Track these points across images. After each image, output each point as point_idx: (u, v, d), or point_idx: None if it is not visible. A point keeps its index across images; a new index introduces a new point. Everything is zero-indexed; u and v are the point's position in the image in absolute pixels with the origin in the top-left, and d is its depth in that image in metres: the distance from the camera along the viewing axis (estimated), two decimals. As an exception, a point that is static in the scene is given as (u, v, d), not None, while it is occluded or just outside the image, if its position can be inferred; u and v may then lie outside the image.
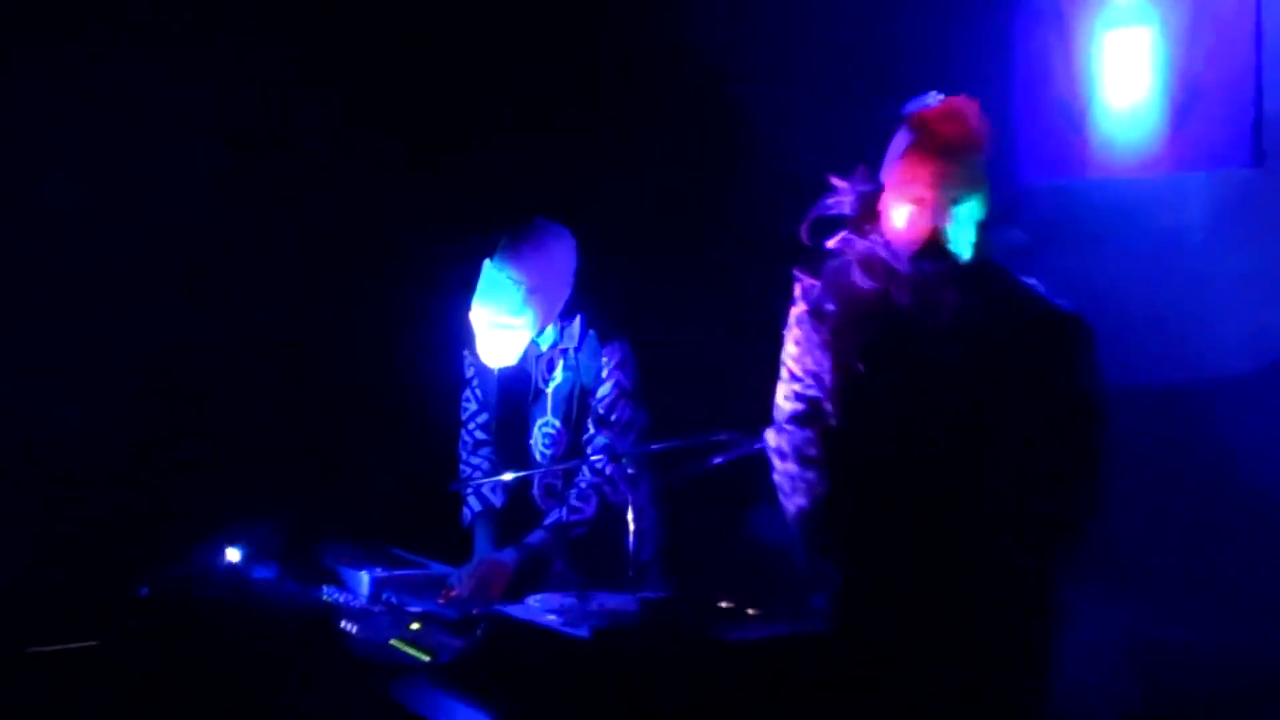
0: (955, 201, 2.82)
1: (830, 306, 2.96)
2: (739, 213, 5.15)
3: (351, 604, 3.65)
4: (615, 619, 3.10)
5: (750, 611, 3.23)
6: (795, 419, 3.03)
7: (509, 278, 3.88)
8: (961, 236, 2.85)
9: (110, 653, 3.46)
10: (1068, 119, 4.60)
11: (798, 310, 3.06)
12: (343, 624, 3.47)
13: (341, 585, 3.80)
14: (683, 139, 5.25)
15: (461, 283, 4.01)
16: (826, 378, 2.96)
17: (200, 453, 4.88)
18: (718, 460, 3.39)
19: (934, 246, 2.84)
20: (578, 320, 3.99)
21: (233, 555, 3.78)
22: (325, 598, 3.71)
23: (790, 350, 3.07)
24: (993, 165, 2.89)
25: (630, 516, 3.45)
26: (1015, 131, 4.58)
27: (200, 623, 3.46)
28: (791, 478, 3.01)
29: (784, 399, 3.07)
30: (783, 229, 5.04)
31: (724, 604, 3.27)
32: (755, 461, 3.32)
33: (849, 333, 2.94)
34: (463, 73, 5.25)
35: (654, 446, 3.67)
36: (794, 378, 3.05)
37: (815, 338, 2.99)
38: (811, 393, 3.01)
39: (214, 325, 4.95)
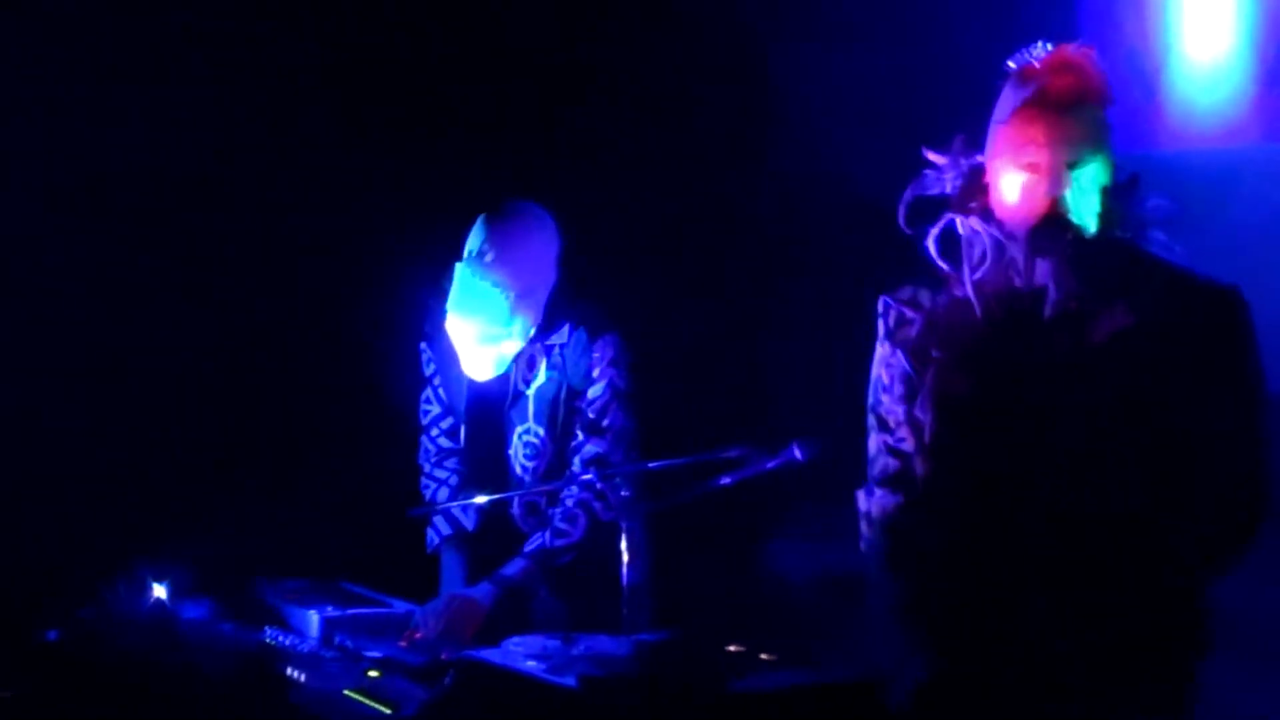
0: (1075, 165, 2.77)
1: (936, 352, 2.87)
2: (753, 200, 5.19)
3: (298, 648, 3.62)
4: (607, 665, 3.08)
5: (764, 657, 3.22)
6: (886, 480, 2.93)
7: (492, 284, 3.85)
8: (1085, 206, 2.79)
9: (13, 710, 3.45)
10: (1139, 79, 4.59)
11: (885, 351, 2.97)
12: (289, 671, 3.45)
13: (286, 626, 3.78)
14: (689, 125, 5.33)
15: (422, 274, 4.02)
16: (927, 431, 2.88)
17: (119, 470, 4.87)
18: (726, 481, 3.38)
19: (1054, 220, 2.77)
20: (565, 314, 3.97)
21: (157, 591, 3.76)
22: (268, 641, 3.69)
23: (880, 396, 2.98)
24: (1118, 123, 2.84)
25: (624, 545, 3.44)
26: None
27: (120, 672, 3.45)
28: (876, 550, 2.93)
29: (875, 451, 2.97)
30: (807, 217, 5.11)
31: (734, 648, 3.26)
32: (770, 483, 3.31)
33: (956, 379, 2.86)
34: (444, 55, 5.37)
35: (653, 464, 3.65)
36: (884, 428, 2.95)
37: (905, 386, 2.91)
38: (905, 447, 2.93)
39: (131, 327, 4.99)
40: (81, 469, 4.84)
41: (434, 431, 4.16)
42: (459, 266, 3.90)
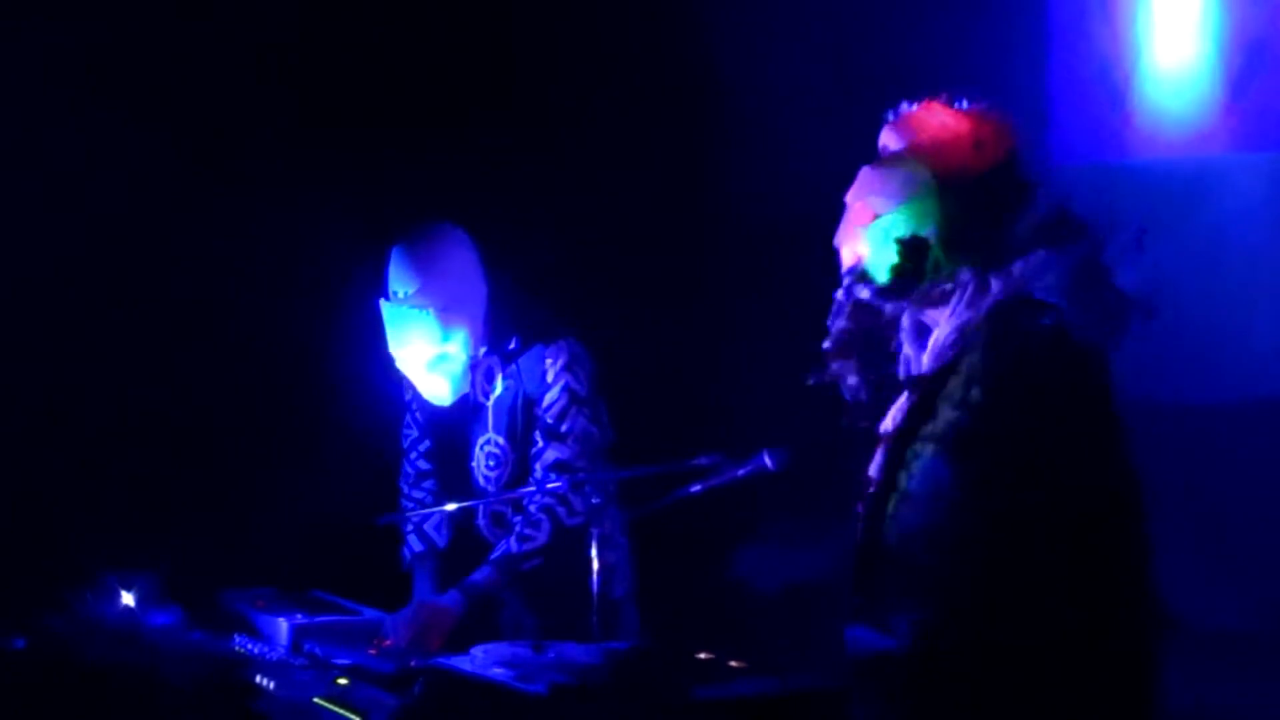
0: (872, 218, 2.82)
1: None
2: (719, 207, 5.19)
3: (268, 656, 3.63)
4: (576, 673, 3.08)
5: (734, 664, 3.23)
6: None
7: (414, 308, 3.90)
8: (879, 258, 2.82)
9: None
10: (1108, 89, 4.61)
11: None
12: (258, 679, 3.46)
13: (255, 634, 3.77)
14: (655, 132, 5.34)
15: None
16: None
17: (88, 477, 4.87)
18: (696, 489, 3.40)
19: (859, 271, 2.85)
20: (515, 322, 4.00)
21: (126, 599, 3.76)
22: (237, 648, 3.69)
23: None
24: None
25: (594, 551, 3.46)
26: (1048, 103, 4.60)
27: (88, 680, 3.45)
28: None
29: None
30: (778, 224, 5.10)
31: (703, 656, 3.28)
32: (741, 491, 3.33)
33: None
34: (408, 61, 5.37)
35: (624, 473, 3.67)
36: None
37: None
38: None
39: (100, 335, 4.98)
40: (50, 476, 4.82)
41: (413, 455, 4.22)
42: (383, 304, 3.95)
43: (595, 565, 3.45)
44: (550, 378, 3.96)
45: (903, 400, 2.79)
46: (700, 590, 4.64)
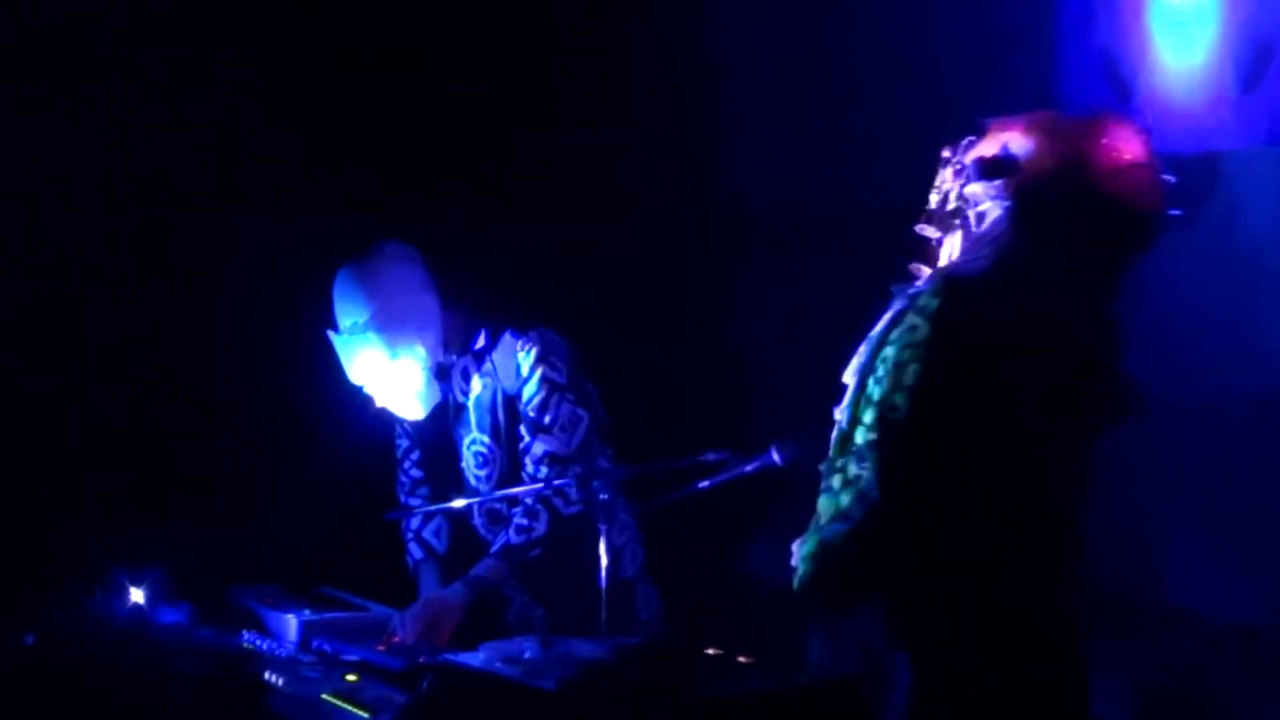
0: None
1: None
2: (724, 200, 5.20)
3: (276, 652, 3.64)
4: (585, 669, 3.07)
5: (743, 660, 3.24)
6: None
7: (363, 340, 3.92)
8: None
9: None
10: (1114, 81, 4.61)
11: None
12: (266, 675, 3.46)
13: (264, 630, 3.79)
14: (665, 127, 5.33)
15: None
16: None
17: (98, 475, 4.86)
18: (705, 484, 3.40)
19: None
20: (483, 321, 4.02)
21: (135, 596, 3.77)
22: (245, 645, 3.70)
23: None
24: None
25: (602, 547, 3.46)
26: (1054, 95, 4.60)
27: (97, 676, 3.46)
28: None
29: None
30: (787, 220, 5.10)
31: (712, 651, 3.28)
32: (749, 486, 3.33)
33: None
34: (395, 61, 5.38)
35: (632, 469, 3.67)
36: None
37: None
38: None
39: (107, 331, 5.00)
40: (58, 473, 4.83)
41: (405, 464, 4.27)
42: (331, 336, 3.98)
43: (604, 561, 3.45)
44: (526, 371, 3.96)
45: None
46: (709, 586, 4.65)
